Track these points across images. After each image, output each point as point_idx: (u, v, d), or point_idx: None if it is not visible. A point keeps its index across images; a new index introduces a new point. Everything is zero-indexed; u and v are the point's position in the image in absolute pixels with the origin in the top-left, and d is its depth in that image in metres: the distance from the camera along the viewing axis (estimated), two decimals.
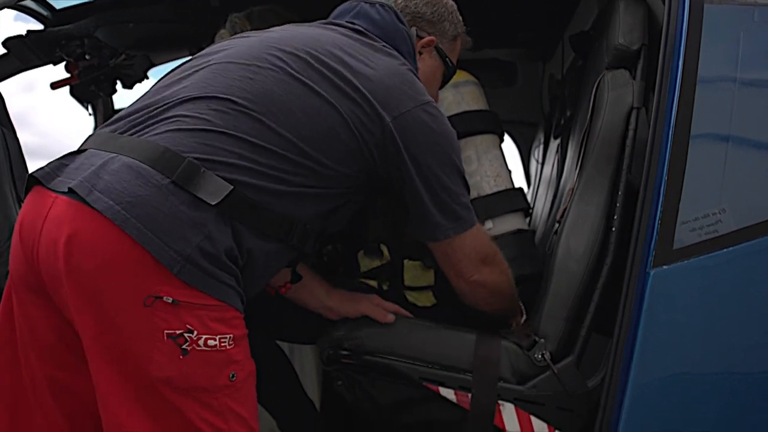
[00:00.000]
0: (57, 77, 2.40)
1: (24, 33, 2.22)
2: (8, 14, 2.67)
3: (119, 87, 2.52)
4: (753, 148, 1.59)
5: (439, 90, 1.77)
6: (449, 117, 1.88)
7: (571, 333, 1.63)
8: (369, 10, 1.58)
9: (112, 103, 3.05)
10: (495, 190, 1.92)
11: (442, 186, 1.44)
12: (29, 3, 2.24)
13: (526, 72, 3.21)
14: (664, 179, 1.53)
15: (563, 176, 2.16)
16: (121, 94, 2.65)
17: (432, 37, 1.65)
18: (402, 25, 1.58)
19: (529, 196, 3.09)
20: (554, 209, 2.12)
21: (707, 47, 1.57)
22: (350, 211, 1.51)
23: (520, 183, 3.32)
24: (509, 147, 3.55)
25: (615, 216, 1.64)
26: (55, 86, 2.41)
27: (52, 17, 2.33)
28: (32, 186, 1.33)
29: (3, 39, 2.19)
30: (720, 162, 1.55)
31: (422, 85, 1.47)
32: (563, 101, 2.44)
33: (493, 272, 1.59)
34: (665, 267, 1.52)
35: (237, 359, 1.28)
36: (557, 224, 1.79)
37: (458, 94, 1.95)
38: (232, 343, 1.26)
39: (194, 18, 2.39)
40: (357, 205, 1.53)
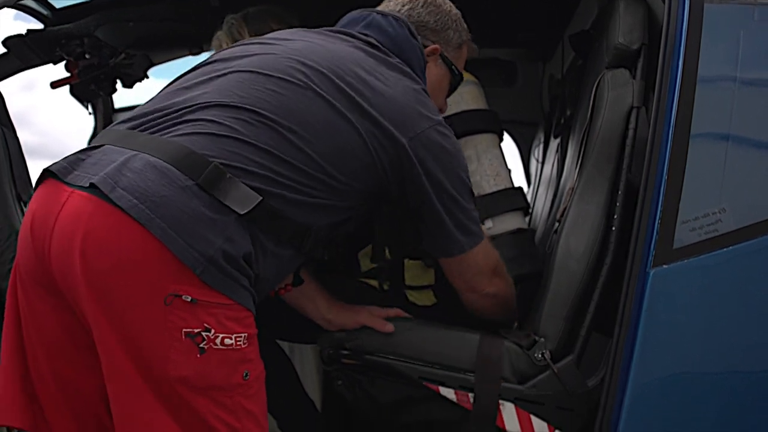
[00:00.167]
0: (57, 76, 2.40)
1: (24, 32, 2.22)
2: (8, 13, 2.67)
3: (119, 86, 2.52)
4: (753, 148, 1.59)
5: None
6: (449, 116, 1.88)
7: (571, 332, 1.63)
8: (382, 22, 1.57)
9: (112, 103, 3.05)
10: (495, 189, 1.92)
11: (457, 203, 1.48)
12: (29, 2, 2.24)
13: (526, 71, 3.21)
14: (664, 179, 1.53)
15: (563, 175, 2.16)
16: (121, 93, 2.65)
17: (436, 46, 1.65)
18: (414, 40, 1.58)
19: (530, 196, 3.09)
20: (554, 208, 2.12)
21: (707, 46, 1.57)
22: (359, 220, 1.54)
23: (521, 183, 3.32)
24: (509, 147, 3.55)
25: (615, 215, 1.64)
26: (55, 85, 2.41)
27: (52, 16, 2.33)
28: (44, 179, 1.32)
29: (3, 38, 2.19)
30: (720, 161, 1.55)
31: (434, 104, 1.50)
32: (563, 101, 2.44)
33: (502, 283, 1.63)
34: (665, 266, 1.52)
35: (250, 358, 1.28)
36: (557, 223, 1.79)
37: (458, 94, 1.95)
38: (246, 342, 1.27)
39: (194, 17, 2.39)
40: (366, 215, 1.55)
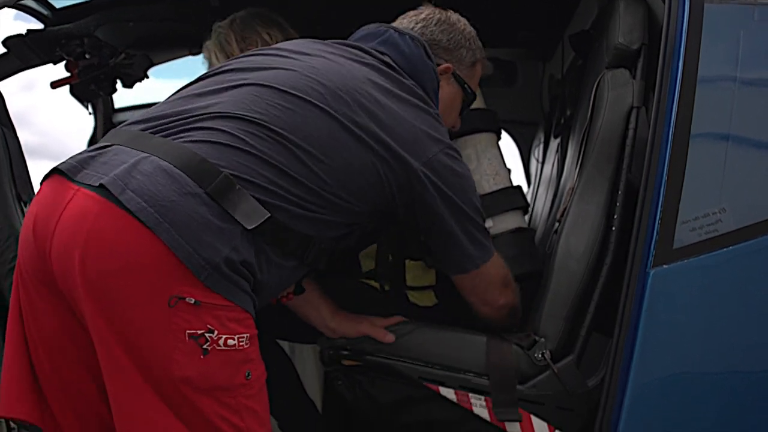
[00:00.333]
0: (57, 76, 2.39)
1: (24, 32, 2.22)
2: (8, 13, 2.66)
3: (119, 86, 2.52)
4: (753, 148, 1.59)
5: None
6: None
7: (571, 332, 1.63)
8: (398, 41, 1.57)
9: (112, 102, 3.05)
10: (494, 189, 1.92)
11: (470, 220, 1.51)
12: (29, 2, 2.23)
13: (526, 71, 3.21)
14: (664, 179, 1.53)
15: (563, 175, 2.16)
16: (121, 93, 2.64)
17: (448, 65, 1.66)
18: (430, 62, 1.58)
19: (530, 196, 3.09)
20: (554, 208, 2.12)
21: (707, 46, 1.57)
22: (363, 234, 1.55)
23: (521, 183, 3.32)
24: (510, 146, 3.55)
25: (615, 215, 1.64)
26: (55, 85, 2.40)
27: (52, 16, 2.33)
28: (50, 176, 1.32)
29: (3, 38, 2.18)
30: (720, 161, 1.55)
31: (444, 127, 1.52)
32: (563, 101, 2.44)
33: (511, 294, 1.64)
34: (665, 266, 1.52)
35: (252, 358, 1.29)
36: (557, 223, 1.79)
37: None
38: (248, 343, 1.28)
39: (194, 17, 2.38)
40: (370, 229, 1.57)
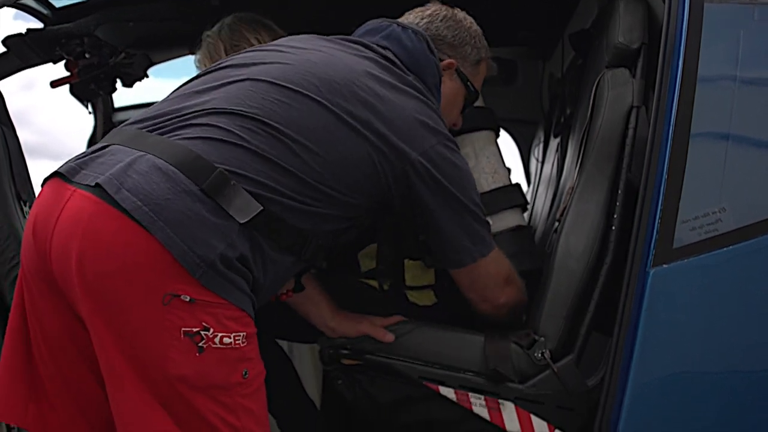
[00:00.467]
0: (57, 76, 2.40)
1: (24, 31, 2.22)
2: (8, 13, 2.67)
3: (119, 85, 2.52)
4: (753, 147, 1.59)
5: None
6: None
7: (571, 332, 1.63)
8: (401, 35, 1.58)
9: (112, 102, 3.05)
10: (493, 187, 1.92)
11: (468, 211, 1.50)
12: (29, 1, 2.23)
13: (526, 70, 3.21)
14: (664, 178, 1.53)
15: (563, 175, 2.16)
16: (121, 93, 2.64)
17: (452, 60, 1.66)
18: (432, 56, 1.58)
19: (529, 195, 3.09)
20: (554, 208, 2.12)
21: (707, 46, 1.57)
22: (361, 229, 1.55)
23: (520, 182, 3.32)
24: (510, 145, 3.55)
25: (615, 215, 1.64)
26: (55, 85, 2.40)
27: (52, 16, 2.33)
28: (50, 178, 1.33)
29: (3, 37, 2.18)
30: (720, 161, 1.55)
31: (442, 119, 1.51)
32: (563, 100, 2.44)
33: (514, 291, 1.63)
34: (665, 266, 1.52)
35: (250, 356, 1.29)
36: (557, 223, 1.79)
37: None
38: (245, 341, 1.27)
39: (195, 17, 2.38)
40: (367, 224, 1.56)
